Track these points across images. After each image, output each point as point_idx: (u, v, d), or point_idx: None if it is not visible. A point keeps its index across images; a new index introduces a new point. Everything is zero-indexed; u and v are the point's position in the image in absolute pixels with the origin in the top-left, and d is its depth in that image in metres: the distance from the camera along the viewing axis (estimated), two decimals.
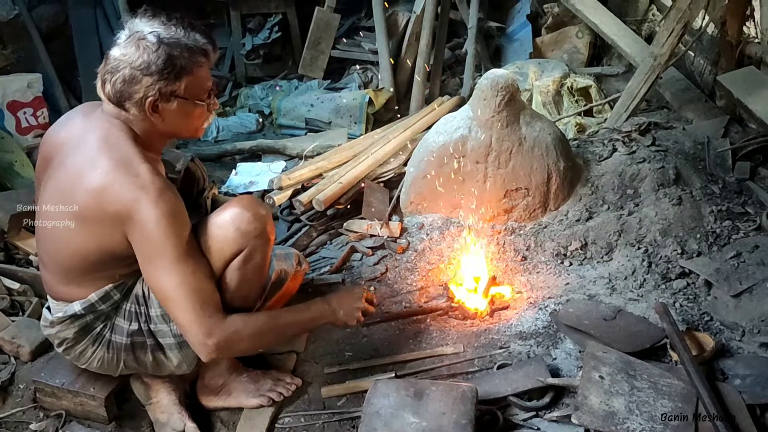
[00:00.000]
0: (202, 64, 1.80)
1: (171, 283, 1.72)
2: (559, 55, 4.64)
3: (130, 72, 1.72)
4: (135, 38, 1.73)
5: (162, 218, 1.68)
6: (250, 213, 1.85)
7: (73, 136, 1.83)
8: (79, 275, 1.85)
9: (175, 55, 1.73)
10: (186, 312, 1.73)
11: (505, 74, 2.85)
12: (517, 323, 2.39)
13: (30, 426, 2.07)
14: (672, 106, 3.83)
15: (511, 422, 1.97)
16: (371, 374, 2.19)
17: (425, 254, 2.81)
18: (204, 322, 1.74)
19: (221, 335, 1.75)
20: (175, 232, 1.71)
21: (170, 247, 1.70)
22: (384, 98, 4.32)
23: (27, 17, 4.35)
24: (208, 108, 1.88)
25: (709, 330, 2.30)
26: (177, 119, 1.82)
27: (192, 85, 1.79)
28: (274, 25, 5.17)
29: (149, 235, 1.70)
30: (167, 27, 1.75)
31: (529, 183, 2.87)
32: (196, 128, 1.91)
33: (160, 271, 1.72)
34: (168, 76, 1.73)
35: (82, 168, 1.75)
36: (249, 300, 1.98)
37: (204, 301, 1.75)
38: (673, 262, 2.63)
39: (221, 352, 1.80)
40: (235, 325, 1.79)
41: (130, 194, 1.69)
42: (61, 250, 1.85)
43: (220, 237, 1.84)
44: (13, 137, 3.82)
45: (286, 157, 3.91)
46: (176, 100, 1.78)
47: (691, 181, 2.95)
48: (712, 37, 3.70)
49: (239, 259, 1.86)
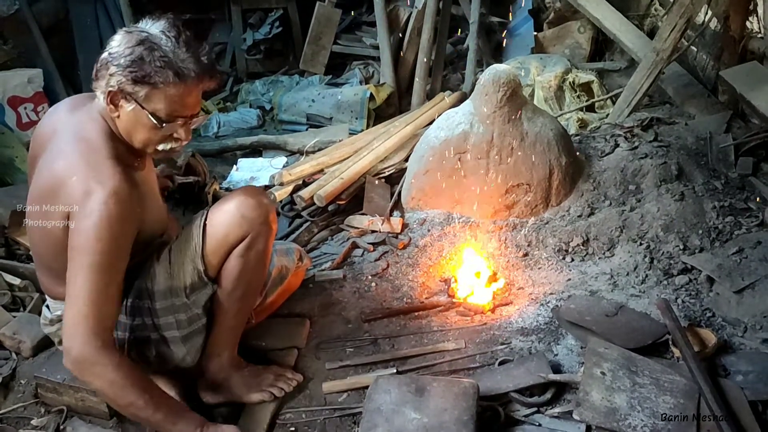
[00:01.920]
0: (171, 84, 1.68)
1: (83, 285, 1.65)
2: (561, 50, 4.63)
3: (106, 56, 1.69)
4: (130, 30, 1.72)
5: (104, 219, 1.63)
6: (254, 200, 1.88)
7: (55, 130, 1.81)
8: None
9: (146, 60, 1.65)
10: (79, 315, 1.66)
11: (506, 69, 2.84)
12: (518, 319, 2.39)
13: (31, 421, 2.07)
14: (674, 102, 3.82)
15: (513, 418, 1.96)
16: (372, 370, 2.19)
17: (426, 250, 2.80)
18: (83, 336, 1.66)
19: (89, 357, 1.66)
20: (111, 237, 1.65)
21: (99, 251, 1.65)
22: (385, 94, 4.32)
23: (27, 12, 4.35)
24: (167, 132, 1.77)
25: (711, 326, 2.29)
26: (130, 123, 1.75)
27: (155, 98, 1.69)
28: (275, 20, 5.16)
29: (85, 230, 1.64)
30: (167, 37, 1.69)
31: (530, 179, 2.86)
32: (145, 143, 1.78)
33: (79, 265, 1.66)
34: (129, 75, 1.66)
35: (52, 162, 1.74)
36: (251, 288, 1.99)
37: (99, 320, 1.68)
38: (675, 258, 2.63)
39: (76, 370, 1.71)
40: (106, 361, 1.68)
41: (84, 186, 1.65)
42: (48, 250, 1.84)
43: (225, 222, 1.86)
44: (13, 132, 3.82)
45: (287, 152, 3.91)
46: (134, 103, 1.71)
47: (694, 176, 2.94)
48: (714, 32, 3.69)
49: (243, 246, 1.87)
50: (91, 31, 4.70)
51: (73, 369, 1.71)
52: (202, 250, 1.87)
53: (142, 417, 1.77)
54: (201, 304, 1.92)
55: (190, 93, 1.73)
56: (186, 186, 3.31)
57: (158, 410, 1.74)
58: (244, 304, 2.01)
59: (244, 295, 1.98)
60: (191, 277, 1.88)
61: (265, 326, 2.31)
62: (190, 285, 1.88)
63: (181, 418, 1.79)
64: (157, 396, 1.78)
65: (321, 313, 2.47)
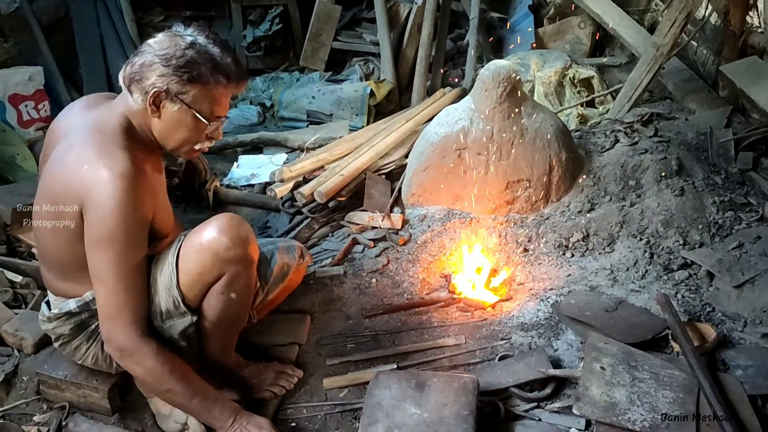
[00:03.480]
0: (221, 85, 1.77)
1: (112, 274, 1.69)
2: (561, 46, 4.62)
3: (151, 58, 1.72)
4: (173, 34, 1.76)
5: (121, 205, 1.65)
6: (227, 238, 1.78)
7: (69, 128, 1.82)
8: (73, 271, 1.84)
9: (199, 62, 1.73)
10: (117, 306, 1.71)
11: (506, 65, 2.84)
12: (518, 315, 2.40)
13: (33, 418, 2.08)
14: (675, 97, 3.82)
15: (513, 413, 1.97)
16: (373, 366, 2.20)
17: (427, 246, 2.81)
18: (123, 326, 1.72)
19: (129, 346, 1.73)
20: (129, 221, 1.67)
21: (119, 239, 1.67)
22: (385, 90, 4.32)
23: (28, 10, 4.35)
24: (206, 131, 1.84)
25: (711, 321, 2.30)
26: (172, 124, 1.79)
27: (201, 98, 1.77)
28: (275, 16, 5.16)
29: (103, 218, 1.66)
30: (208, 40, 1.77)
31: (530, 174, 2.86)
32: (184, 144, 1.85)
33: (105, 257, 1.68)
34: (182, 75, 1.72)
35: (64, 155, 1.75)
36: (238, 318, 1.98)
37: (135, 308, 1.73)
38: (675, 253, 2.63)
39: (118, 358, 1.78)
40: (145, 349, 1.74)
41: (96, 173, 1.66)
42: (55, 246, 1.85)
43: (198, 261, 1.80)
44: (14, 130, 3.84)
45: (288, 149, 3.91)
46: (180, 104, 1.76)
47: (694, 171, 2.94)
48: (715, 27, 3.69)
49: (222, 283, 1.83)
50: (92, 29, 4.70)
51: (114, 356, 1.80)
52: (177, 281, 1.81)
53: (178, 403, 1.85)
54: (178, 332, 1.87)
55: (229, 94, 1.83)
56: (187, 184, 3.31)
57: (194, 397, 1.81)
58: (231, 332, 2.01)
59: (230, 325, 1.97)
60: (166, 305, 1.83)
61: (267, 323, 2.32)
62: (165, 311, 1.84)
63: (216, 405, 1.84)
64: (194, 383, 1.83)
65: (322, 309, 2.48)
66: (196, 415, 1.89)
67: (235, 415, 1.85)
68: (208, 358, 2.01)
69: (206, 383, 1.86)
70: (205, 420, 1.88)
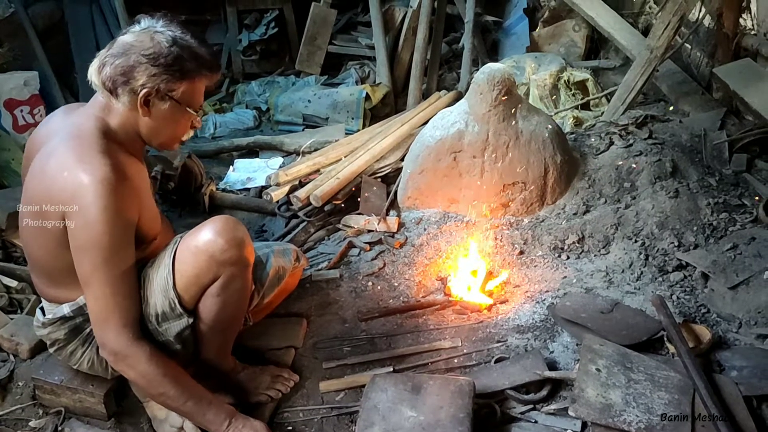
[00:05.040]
0: (205, 77, 1.81)
1: (100, 279, 1.69)
2: (556, 49, 4.64)
3: (137, 58, 1.71)
4: (150, 31, 1.75)
5: (103, 210, 1.63)
6: (223, 240, 1.78)
7: (48, 135, 1.81)
8: (63, 278, 1.83)
9: (185, 57, 1.74)
10: (106, 311, 1.71)
11: (501, 68, 2.84)
12: (514, 317, 2.40)
13: (29, 423, 2.07)
14: (669, 99, 3.83)
15: (509, 415, 1.97)
16: (369, 369, 2.20)
17: (423, 249, 2.81)
18: (114, 330, 1.72)
19: (122, 350, 1.73)
20: (113, 225, 1.66)
21: (105, 244, 1.66)
22: (381, 93, 4.32)
23: (23, 15, 4.35)
24: (192, 123, 1.88)
25: (706, 322, 2.31)
26: (163, 121, 1.80)
27: (188, 93, 1.79)
28: (271, 20, 5.17)
29: (86, 226, 1.65)
30: (183, 33, 1.77)
31: (526, 177, 2.87)
32: (175, 138, 1.88)
33: (91, 263, 1.68)
34: (173, 73, 1.73)
35: (45, 161, 1.74)
36: (235, 320, 1.98)
37: (125, 312, 1.73)
38: (670, 254, 2.64)
39: (112, 362, 1.78)
40: (138, 352, 1.74)
41: (77, 179, 1.65)
42: (43, 252, 1.84)
43: (194, 263, 1.80)
44: (10, 135, 3.83)
45: (284, 153, 3.92)
46: (170, 101, 1.77)
47: (688, 173, 2.96)
48: (708, 30, 3.70)
49: (218, 286, 1.83)
50: (87, 33, 4.71)
51: (109, 360, 1.81)
52: (174, 283, 1.82)
53: (173, 406, 1.84)
54: (173, 334, 1.87)
55: (210, 83, 1.86)
56: (183, 188, 3.31)
57: (189, 400, 1.80)
58: (227, 335, 2.02)
59: (226, 328, 1.97)
60: (162, 307, 1.83)
61: (263, 326, 2.32)
62: (162, 314, 1.84)
63: (211, 408, 1.84)
64: (189, 387, 1.82)
65: (318, 312, 2.48)
66: (191, 419, 1.89)
67: (230, 418, 1.85)
68: (205, 361, 2.02)
69: (201, 386, 1.86)
70: (201, 423, 1.87)
